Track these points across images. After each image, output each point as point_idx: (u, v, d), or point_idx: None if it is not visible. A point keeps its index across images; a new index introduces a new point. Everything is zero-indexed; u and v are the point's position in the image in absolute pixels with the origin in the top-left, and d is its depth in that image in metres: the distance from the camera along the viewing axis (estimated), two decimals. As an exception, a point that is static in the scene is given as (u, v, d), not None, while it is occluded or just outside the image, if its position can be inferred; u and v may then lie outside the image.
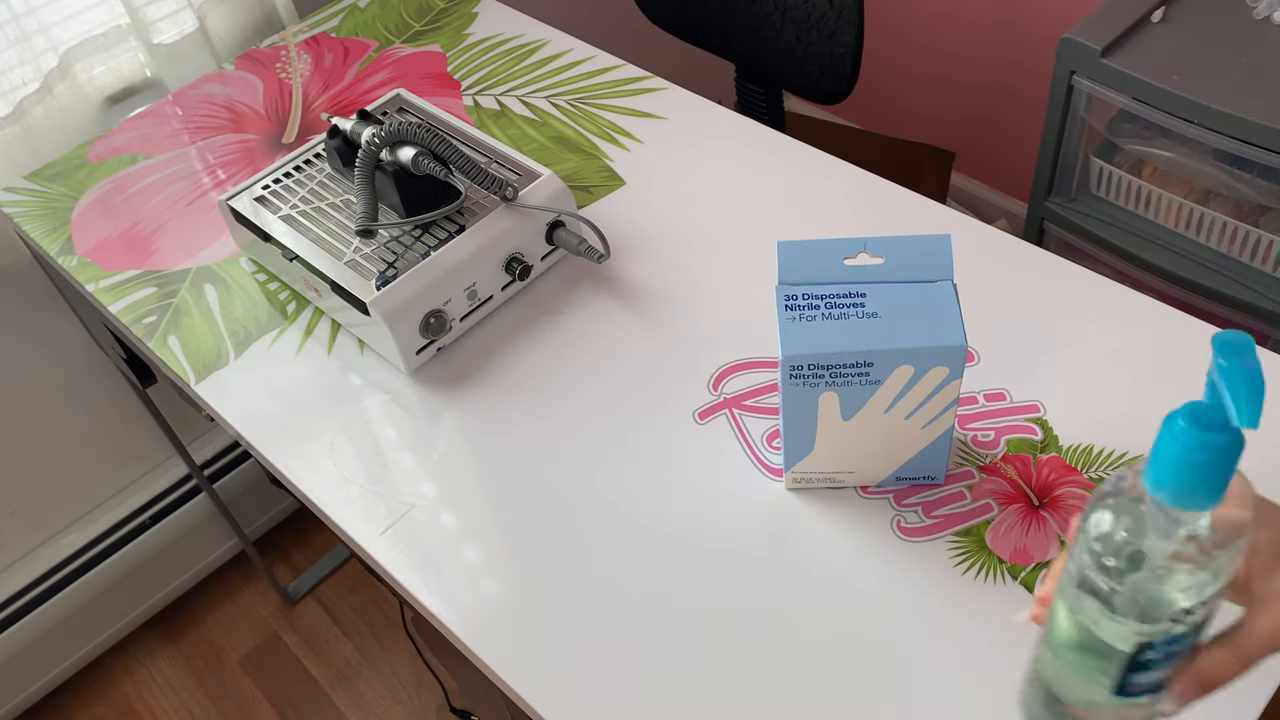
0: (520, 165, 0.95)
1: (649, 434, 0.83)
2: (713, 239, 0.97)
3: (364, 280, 0.87)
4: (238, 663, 1.65)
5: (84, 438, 1.49)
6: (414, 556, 0.78)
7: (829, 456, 0.74)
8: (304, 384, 0.90)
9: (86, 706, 1.62)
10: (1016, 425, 0.80)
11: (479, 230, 0.90)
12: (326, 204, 0.95)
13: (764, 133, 1.07)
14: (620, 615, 0.73)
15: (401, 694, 1.58)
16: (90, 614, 1.55)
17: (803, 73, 1.39)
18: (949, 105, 1.95)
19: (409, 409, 0.87)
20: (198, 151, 1.14)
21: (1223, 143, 1.21)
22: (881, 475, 0.76)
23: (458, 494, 0.81)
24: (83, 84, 1.27)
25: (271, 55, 1.26)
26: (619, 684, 0.69)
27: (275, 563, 1.76)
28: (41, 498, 1.48)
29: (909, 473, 0.75)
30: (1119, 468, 0.76)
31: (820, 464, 0.75)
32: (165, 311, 0.98)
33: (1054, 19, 1.65)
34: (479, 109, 1.14)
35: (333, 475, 0.83)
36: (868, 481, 0.77)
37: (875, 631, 0.70)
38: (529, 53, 1.20)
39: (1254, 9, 1.30)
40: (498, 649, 0.72)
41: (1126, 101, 1.29)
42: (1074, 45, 1.30)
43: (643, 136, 1.08)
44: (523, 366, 0.89)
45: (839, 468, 0.75)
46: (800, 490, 0.77)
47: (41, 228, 1.08)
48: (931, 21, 1.86)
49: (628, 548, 0.76)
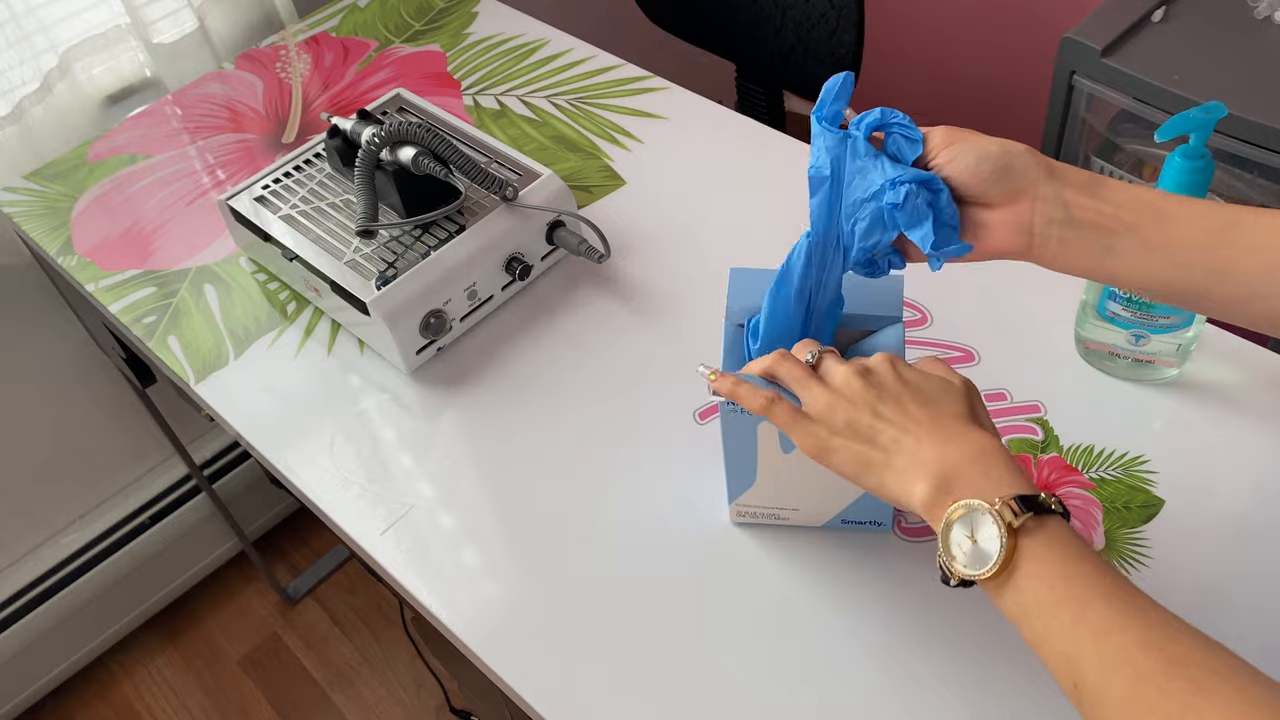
0: (520, 165, 0.95)
1: (649, 434, 0.82)
2: (713, 239, 0.96)
3: (364, 280, 0.87)
4: (237, 663, 1.64)
5: (84, 438, 1.49)
6: (414, 556, 0.78)
7: (771, 491, 0.72)
8: (304, 384, 0.90)
9: (86, 706, 1.61)
10: (1017, 425, 0.79)
11: (479, 230, 0.89)
12: (326, 204, 0.95)
13: (764, 132, 1.07)
14: (620, 615, 0.72)
15: (401, 694, 1.58)
16: (90, 614, 1.55)
17: (803, 72, 1.39)
18: (949, 105, 1.95)
19: (409, 409, 0.87)
20: (197, 151, 1.14)
21: (1223, 143, 1.21)
22: (826, 516, 0.73)
23: (457, 494, 0.81)
24: (82, 84, 1.27)
25: (271, 55, 1.26)
26: (619, 684, 0.69)
27: (275, 563, 1.76)
28: (41, 498, 1.48)
29: (854, 516, 0.73)
30: (1118, 468, 0.76)
31: (763, 498, 0.73)
32: (165, 311, 0.98)
33: (1054, 19, 1.65)
34: (479, 109, 1.14)
35: (332, 475, 0.83)
36: (812, 522, 0.74)
37: (875, 632, 0.70)
38: (529, 52, 1.20)
39: (1254, 9, 1.30)
40: (498, 649, 0.72)
41: (1127, 101, 1.29)
42: (1074, 45, 1.30)
43: (643, 136, 1.08)
44: (523, 366, 0.89)
45: (781, 504, 0.73)
46: (746, 525, 0.75)
47: (41, 227, 1.08)
48: (931, 21, 1.86)
49: (628, 547, 0.76)
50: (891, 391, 0.59)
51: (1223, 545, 0.71)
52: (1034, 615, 0.50)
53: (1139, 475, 0.75)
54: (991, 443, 0.56)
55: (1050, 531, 0.51)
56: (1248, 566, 0.70)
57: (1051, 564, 0.51)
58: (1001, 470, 0.54)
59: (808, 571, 0.73)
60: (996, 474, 0.54)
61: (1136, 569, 0.71)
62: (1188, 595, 0.69)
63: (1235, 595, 0.69)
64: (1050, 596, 0.50)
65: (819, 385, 0.60)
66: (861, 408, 0.58)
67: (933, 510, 0.54)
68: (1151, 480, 0.75)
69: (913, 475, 0.55)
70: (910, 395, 0.58)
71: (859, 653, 0.69)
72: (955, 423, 0.57)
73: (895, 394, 0.58)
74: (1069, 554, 0.51)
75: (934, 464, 0.55)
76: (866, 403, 0.58)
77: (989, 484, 0.53)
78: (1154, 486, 0.75)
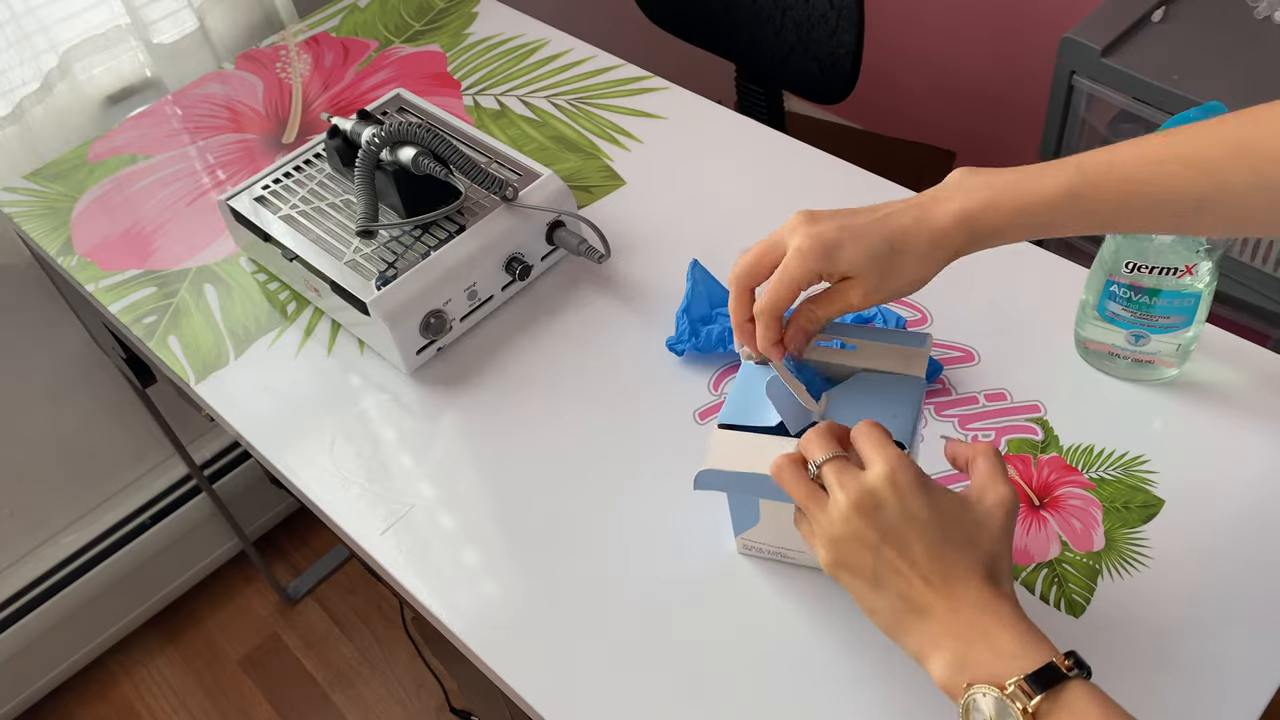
0: (520, 165, 0.95)
1: (649, 434, 0.82)
2: (713, 239, 0.96)
3: (364, 280, 0.87)
4: (237, 663, 1.64)
5: (84, 438, 1.49)
6: (414, 556, 0.78)
7: (774, 532, 0.71)
8: (304, 384, 0.90)
9: (86, 706, 1.62)
10: (1017, 425, 0.79)
11: (479, 230, 0.90)
12: (326, 204, 0.95)
13: (764, 132, 1.07)
14: (620, 614, 0.72)
15: (401, 694, 1.58)
16: (90, 614, 1.55)
17: (803, 73, 1.39)
18: (949, 105, 1.95)
19: (409, 409, 0.87)
20: (197, 151, 1.14)
21: (1223, 143, 1.21)
22: None
23: (457, 494, 0.81)
24: (82, 84, 1.27)
25: (271, 55, 1.26)
26: (619, 684, 0.69)
27: (275, 563, 1.76)
28: (41, 498, 1.48)
29: None
30: (1118, 468, 0.76)
31: (766, 537, 0.72)
32: (165, 311, 0.98)
33: (1054, 19, 1.65)
34: (479, 109, 1.14)
35: (332, 475, 0.83)
36: (817, 564, 0.71)
37: (876, 631, 0.69)
38: (529, 52, 1.20)
39: (1254, 9, 1.30)
40: (498, 649, 0.72)
41: (1126, 101, 1.29)
42: (1074, 45, 1.30)
43: (643, 136, 1.08)
44: (523, 366, 0.89)
45: (785, 544, 0.72)
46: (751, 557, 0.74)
47: (41, 228, 1.08)
48: (932, 21, 1.86)
49: (627, 546, 0.76)
50: (895, 533, 0.54)
51: (1223, 545, 0.71)
52: None
53: (1139, 475, 0.75)
54: (1001, 607, 0.52)
55: (1070, 706, 0.49)
56: (1248, 566, 0.70)
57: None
58: (1012, 645, 0.51)
59: (809, 572, 0.73)
60: (1008, 649, 0.51)
61: (1136, 569, 0.71)
62: (1188, 595, 0.69)
63: (1235, 595, 0.69)
64: None
65: (821, 512, 0.57)
66: (863, 551, 0.55)
67: (949, 689, 0.52)
68: (1151, 480, 0.75)
69: (924, 647, 0.53)
70: (917, 536, 0.54)
71: (858, 660, 0.69)
72: (965, 584, 0.53)
73: (899, 536, 0.54)
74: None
75: (943, 639, 0.52)
76: (868, 545, 0.54)
77: (1001, 663, 0.50)
78: (1154, 486, 0.75)
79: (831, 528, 0.56)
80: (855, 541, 0.55)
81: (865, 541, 0.54)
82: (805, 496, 0.58)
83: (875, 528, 0.54)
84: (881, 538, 0.54)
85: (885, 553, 0.54)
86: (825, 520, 0.56)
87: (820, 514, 0.56)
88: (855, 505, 0.55)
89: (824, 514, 0.56)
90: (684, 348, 0.86)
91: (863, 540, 0.54)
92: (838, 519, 0.55)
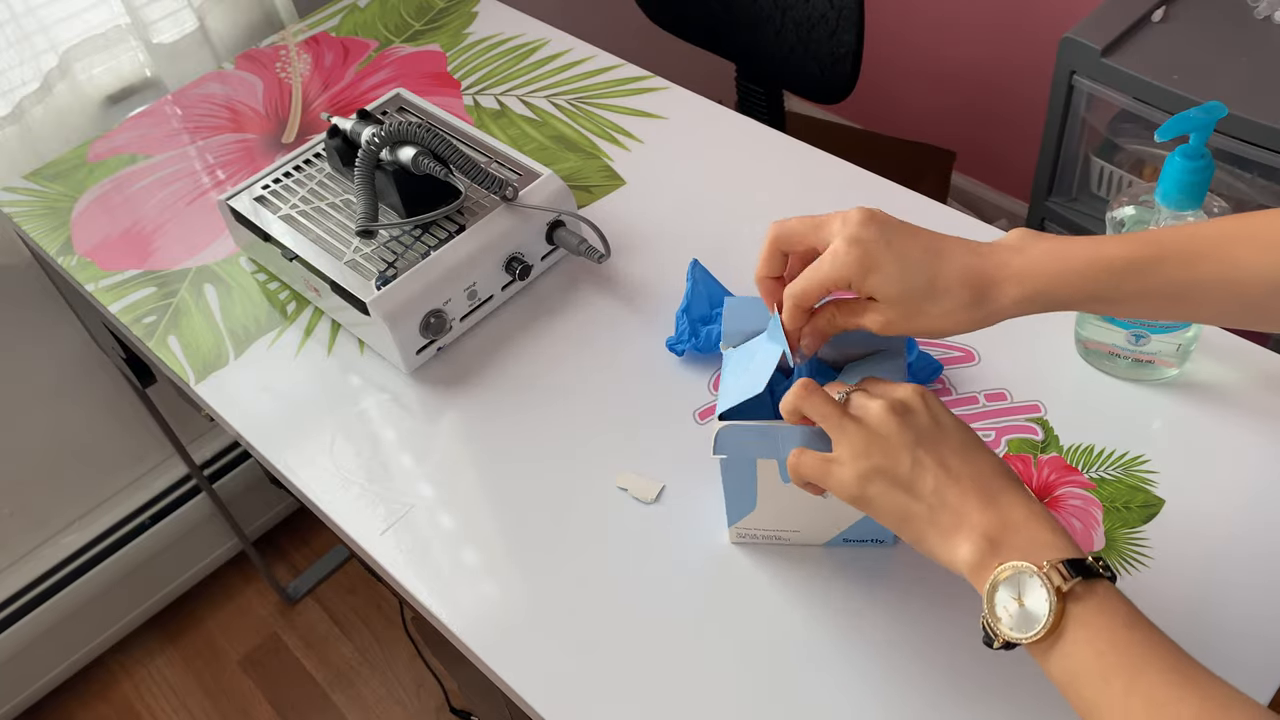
0: (520, 165, 0.95)
1: (649, 433, 0.82)
2: (713, 238, 0.96)
3: (364, 280, 0.87)
4: (237, 663, 1.64)
5: (84, 437, 1.49)
6: (414, 556, 0.78)
7: (771, 516, 0.72)
8: (304, 384, 0.90)
9: (86, 706, 1.62)
10: (1017, 425, 0.79)
11: (479, 230, 0.89)
12: (326, 204, 0.95)
13: (764, 132, 1.07)
14: (620, 614, 0.72)
15: (401, 694, 1.58)
16: (90, 614, 1.55)
17: (803, 72, 1.38)
18: (949, 105, 1.95)
19: (409, 409, 0.87)
20: (197, 151, 1.14)
21: (1223, 142, 1.21)
22: (827, 536, 0.73)
23: (457, 494, 0.81)
24: (82, 84, 1.27)
25: (271, 55, 1.26)
26: (619, 684, 0.69)
27: (275, 563, 1.76)
28: (41, 498, 1.48)
29: (856, 535, 0.73)
30: (1118, 467, 0.76)
31: (763, 522, 0.72)
32: (165, 311, 0.98)
33: (1054, 19, 1.65)
34: (479, 109, 1.14)
35: (332, 475, 0.83)
36: (813, 541, 0.74)
37: (875, 632, 0.70)
38: (529, 52, 1.20)
39: (1254, 9, 1.30)
40: (498, 649, 0.72)
41: (1127, 101, 1.29)
42: (1074, 45, 1.30)
43: (643, 136, 1.08)
44: (523, 366, 0.89)
45: (782, 526, 0.73)
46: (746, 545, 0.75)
47: (41, 227, 1.08)
48: (932, 21, 1.86)
49: (627, 546, 0.76)
50: (929, 435, 0.57)
51: (1223, 545, 0.71)
52: (1083, 681, 0.49)
53: (1139, 475, 0.75)
54: (1036, 506, 0.54)
55: (1100, 596, 0.50)
56: (1247, 566, 0.70)
57: (1101, 629, 0.50)
58: (1049, 534, 0.53)
59: (809, 569, 0.73)
60: (1044, 538, 0.52)
61: (1136, 569, 0.71)
62: (1187, 595, 0.69)
63: (1235, 595, 0.69)
64: (1100, 663, 0.49)
65: (853, 423, 0.58)
66: (900, 450, 0.56)
67: (978, 572, 0.53)
68: (1151, 480, 0.75)
69: (958, 537, 0.54)
70: (946, 443, 0.57)
71: (858, 657, 0.69)
72: (997, 482, 0.55)
73: (933, 439, 0.57)
74: (1120, 620, 0.50)
75: (980, 526, 0.53)
76: (905, 445, 0.56)
77: (1036, 547, 0.52)
78: (1154, 486, 0.75)
79: (865, 436, 0.57)
80: (892, 442, 0.56)
81: (902, 442, 0.56)
82: (834, 412, 0.59)
83: (910, 428, 0.57)
84: (916, 439, 0.56)
85: (920, 453, 0.56)
86: (857, 431, 0.57)
87: (852, 425, 0.58)
88: (891, 408, 0.57)
89: (856, 426, 0.58)
90: (684, 348, 0.86)
91: (900, 441, 0.56)
92: (875, 422, 0.57)
